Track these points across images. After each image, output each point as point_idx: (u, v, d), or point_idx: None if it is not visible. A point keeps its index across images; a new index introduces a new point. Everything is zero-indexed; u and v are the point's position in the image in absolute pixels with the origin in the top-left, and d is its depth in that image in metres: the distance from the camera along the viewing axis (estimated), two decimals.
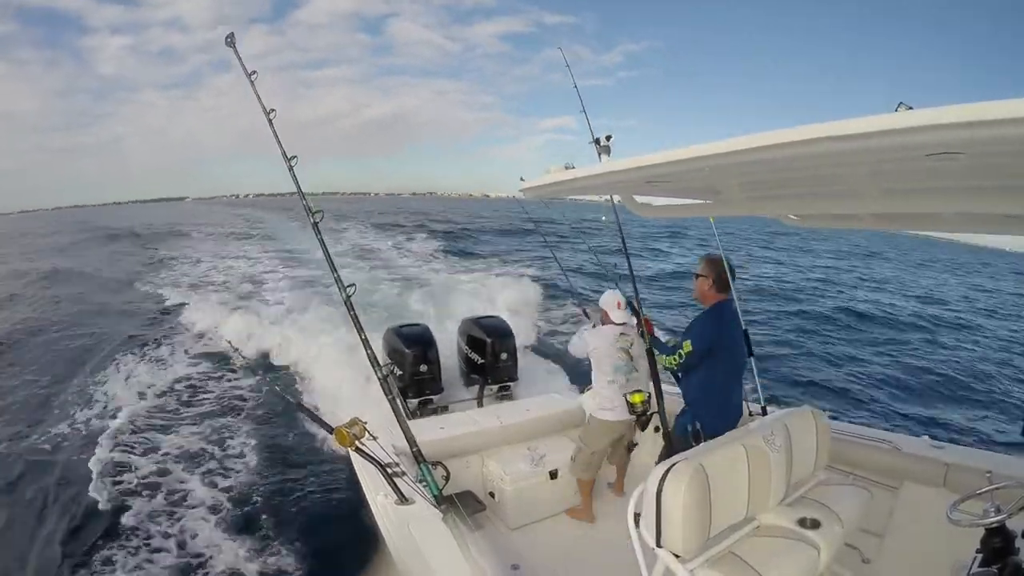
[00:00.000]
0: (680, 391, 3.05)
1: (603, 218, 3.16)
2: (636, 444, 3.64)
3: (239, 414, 6.08)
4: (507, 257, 17.69)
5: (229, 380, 7.12)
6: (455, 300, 9.56)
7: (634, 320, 3.38)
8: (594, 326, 3.53)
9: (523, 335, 7.12)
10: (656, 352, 3.16)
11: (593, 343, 3.34)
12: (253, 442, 5.39)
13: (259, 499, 4.39)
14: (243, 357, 3.72)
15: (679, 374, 3.02)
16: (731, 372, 2.92)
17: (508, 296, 9.68)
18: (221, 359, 7.70)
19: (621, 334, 3.31)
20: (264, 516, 4.15)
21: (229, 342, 7.35)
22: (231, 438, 5.48)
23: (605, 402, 3.30)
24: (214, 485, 4.57)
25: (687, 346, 2.80)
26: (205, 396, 6.65)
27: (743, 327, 3.25)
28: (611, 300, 3.39)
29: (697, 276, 2.97)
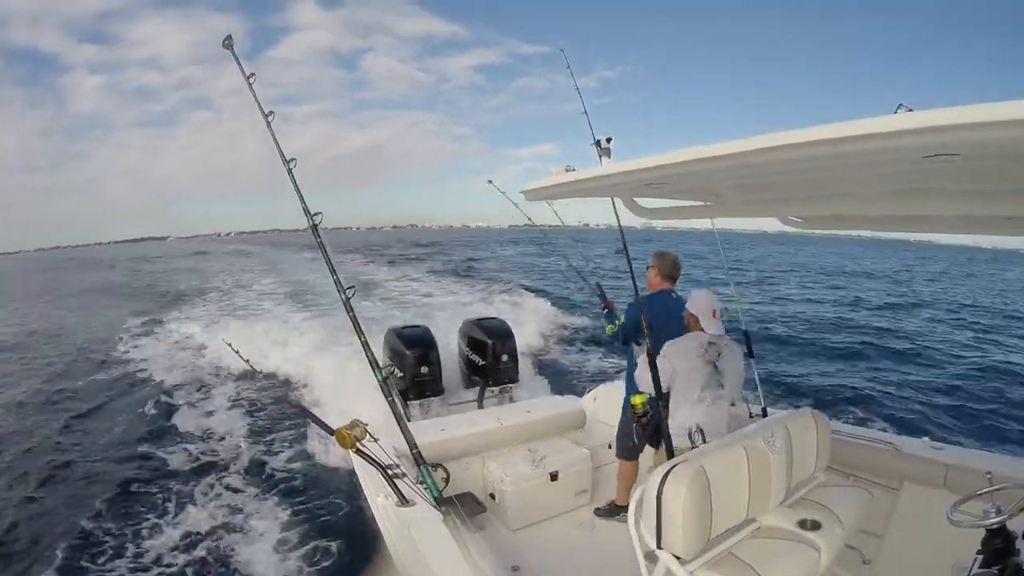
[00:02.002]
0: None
1: (603, 220, 3.15)
2: (635, 446, 3.63)
3: (240, 416, 6.09)
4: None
5: (229, 382, 7.13)
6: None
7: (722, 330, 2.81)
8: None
9: (529, 339, 7.12)
10: (605, 322, 3.59)
11: (676, 362, 2.72)
12: (253, 443, 5.40)
13: (259, 499, 4.39)
14: (244, 360, 3.71)
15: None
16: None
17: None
18: (221, 363, 7.72)
19: (710, 343, 2.74)
20: (264, 516, 4.16)
21: (230, 344, 7.35)
22: (231, 440, 5.49)
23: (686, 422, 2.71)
24: (214, 486, 4.58)
25: (621, 319, 3.30)
26: (205, 397, 6.66)
27: (743, 328, 3.27)
28: (706, 306, 2.77)
29: (648, 267, 3.41)
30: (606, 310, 3.70)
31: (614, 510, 3.41)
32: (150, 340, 9.59)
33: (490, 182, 4.29)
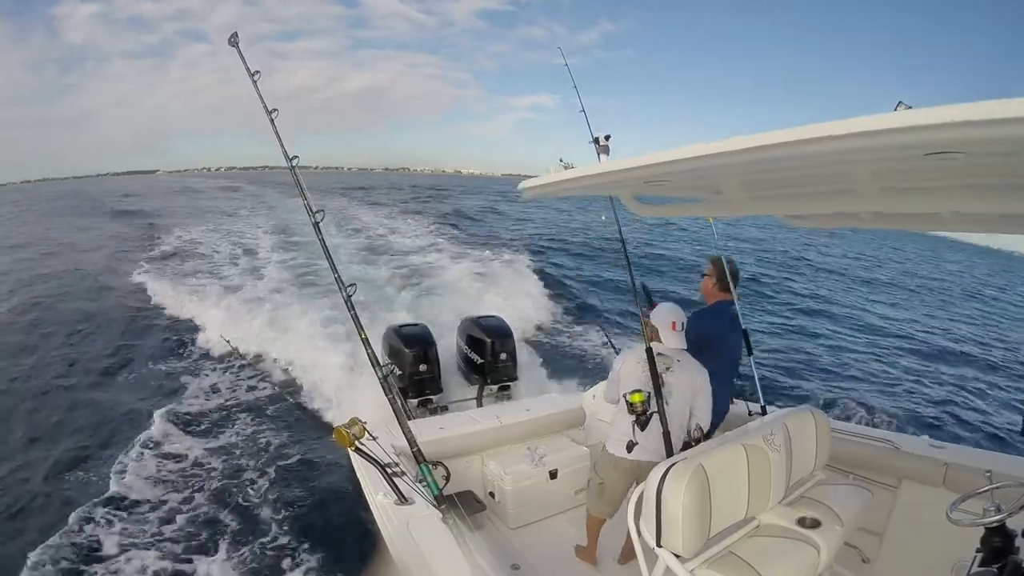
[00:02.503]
0: None
1: (603, 217, 3.12)
2: (636, 444, 3.63)
3: (238, 414, 6.08)
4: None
5: (228, 380, 7.12)
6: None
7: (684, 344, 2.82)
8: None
9: (524, 334, 7.13)
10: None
11: (624, 369, 2.82)
12: (252, 443, 5.39)
13: (258, 499, 4.39)
14: (241, 356, 3.72)
15: None
16: (721, 372, 2.90)
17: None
18: (219, 359, 7.70)
19: (659, 354, 2.73)
20: (263, 516, 4.15)
21: (228, 341, 7.34)
22: (229, 439, 5.49)
23: (617, 433, 2.86)
24: (213, 486, 4.57)
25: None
26: (204, 398, 6.65)
27: (742, 327, 3.26)
28: (665, 318, 2.79)
29: (704, 275, 3.18)
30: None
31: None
32: (139, 326, 9.43)
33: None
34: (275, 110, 3.06)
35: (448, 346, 5.65)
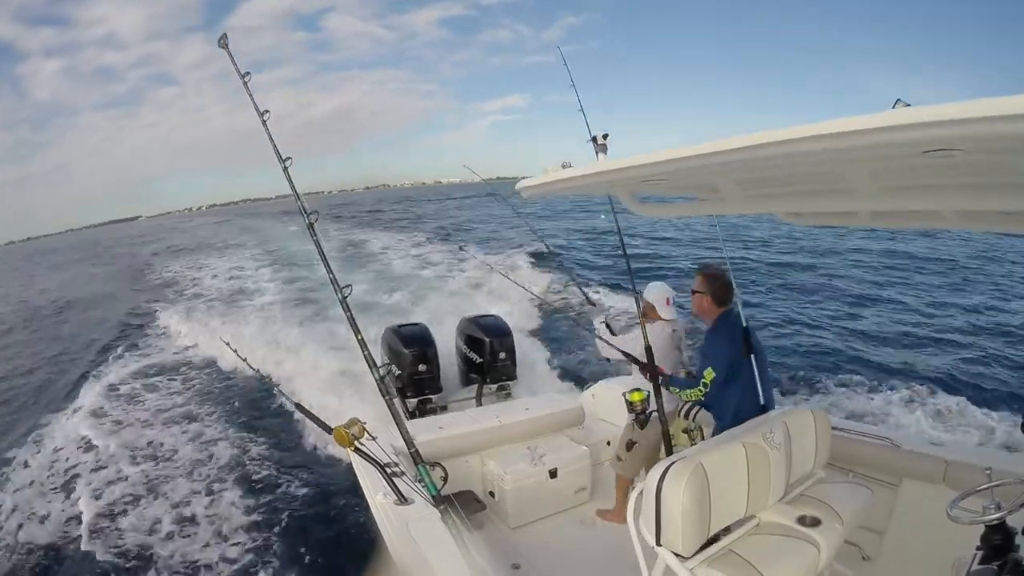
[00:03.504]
0: (714, 416, 2.86)
1: (602, 216, 3.11)
2: (636, 443, 3.63)
3: (237, 415, 6.08)
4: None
5: (227, 381, 7.12)
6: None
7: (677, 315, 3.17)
8: (606, 321, 3.29)
9: (523, 333, 7.13)
10: (675, 389, 2.86)
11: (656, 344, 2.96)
12: (252, 443, 5.39)
13: (259, 499, 4.39)
14: (240, 358, 3.72)
15: (707, 402, 2.81)
16: (762, 373, 2.69)
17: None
18: (218, 361, 7.70)
19: (673, 331, 3.14)
20: (264, 516, 4.16)
21: (227, 343, 7.33)
22: (229, 439, 5.48)
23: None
24: (213, 486, 4.57)
25: (709, 374, 2.64)
26: (204, 398, 6.65)
27: (743, 323, 3.22)
28: (660, 295, 3.12)
29: (695, 292, 2.84)
30: (661, 378, 2.89)
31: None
32: (141, 339, 9.53)
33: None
34: (267, 111, 3.05)
35: (447, 346, 5.65)
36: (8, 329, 12.48)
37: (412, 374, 5.06)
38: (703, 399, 2.76)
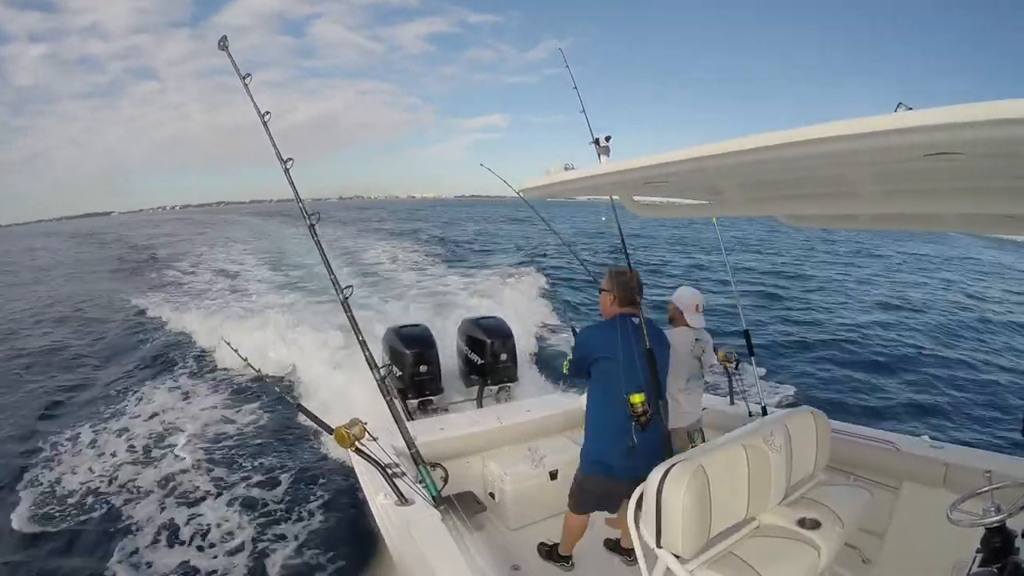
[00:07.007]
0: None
1: (603, 219, 3.11)
2: (634, 445, 3.63)
3: (238, 416, 6.08)
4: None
5: (227, 381, 7.12)
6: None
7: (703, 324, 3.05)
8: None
9: (524, 338, 7.13)
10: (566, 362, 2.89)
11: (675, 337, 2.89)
12: (252, 443, 5.39)
13: (259, 499, 4.39)
14: (242, 359, 3.73)
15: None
16: (620, 400, 2.43)
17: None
18: (219, 362, 7.71)
19: (696, 340, 3.00)
20: (264, 516, 4.16)
21: (228, 343, 7.34)
22: (230, 439, 5.49)
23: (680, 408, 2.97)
24: (213, 486, 4.57)
25: (572, 352, 2.68)
26: (204, 398, 6.65)
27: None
28: (690, 300, 2.97)
29: (601, 291, 2.73)
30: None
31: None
32: (140, 339, 9.55)
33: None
34: (267, 112, 3.07)
35: (448, 347, 5.65)
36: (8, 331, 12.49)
37: (413, 375, 5.06)
38: (569, 377, 3.06)
